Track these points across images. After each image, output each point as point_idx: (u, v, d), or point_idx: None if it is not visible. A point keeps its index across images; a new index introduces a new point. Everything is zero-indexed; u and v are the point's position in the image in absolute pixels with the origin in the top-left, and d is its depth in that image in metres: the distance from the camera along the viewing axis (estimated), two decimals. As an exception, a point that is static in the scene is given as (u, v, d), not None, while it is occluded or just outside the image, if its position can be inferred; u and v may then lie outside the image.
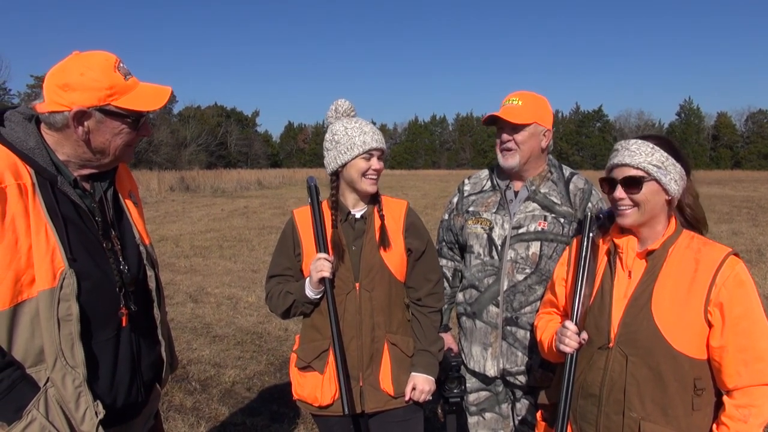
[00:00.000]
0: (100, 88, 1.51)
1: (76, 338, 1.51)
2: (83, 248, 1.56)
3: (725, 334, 1.59)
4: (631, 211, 1.70)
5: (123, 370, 1.67)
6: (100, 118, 1.55)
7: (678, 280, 1.66)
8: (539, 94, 2.34)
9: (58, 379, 1.50)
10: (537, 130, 2.25)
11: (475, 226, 2.35)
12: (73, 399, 1.52)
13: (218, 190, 27.94)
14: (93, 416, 1.53)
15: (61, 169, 1.58)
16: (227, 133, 73.13)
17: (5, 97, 45.67)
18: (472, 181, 2.51)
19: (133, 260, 1.73)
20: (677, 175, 1.69)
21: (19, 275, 1.45)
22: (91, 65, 1.52)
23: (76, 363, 1.51)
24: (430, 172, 67.73)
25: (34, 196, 1.49)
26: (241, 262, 9.59)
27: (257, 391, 4.45)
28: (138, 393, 1.74)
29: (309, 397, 2.15)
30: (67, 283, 1.49)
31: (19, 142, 1.52)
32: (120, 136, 1.59)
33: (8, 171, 1.46)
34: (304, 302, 2.10)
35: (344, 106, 2.17)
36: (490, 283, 2.30)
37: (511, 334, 2.29)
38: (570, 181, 2.33)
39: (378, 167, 2.09)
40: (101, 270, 1.60)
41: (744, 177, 44.90)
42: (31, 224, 1.47)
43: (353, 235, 2.13)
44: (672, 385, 1.64)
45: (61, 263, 1.49)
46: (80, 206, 1.59)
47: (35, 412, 1.48)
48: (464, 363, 2.44)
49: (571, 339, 1.71)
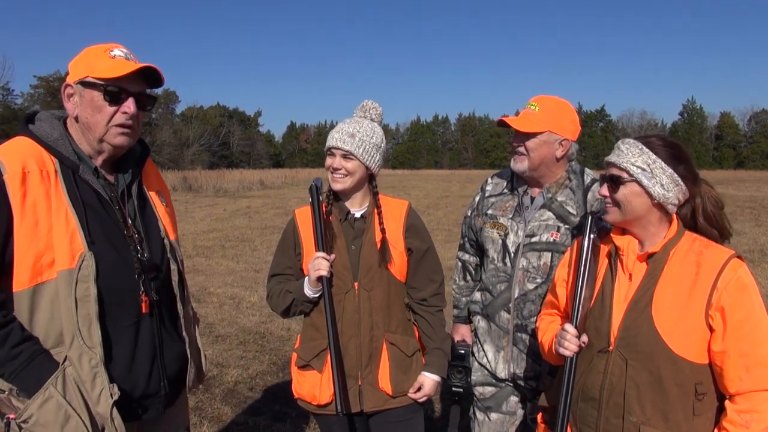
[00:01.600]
0: (85, 65, 1.64)
1: (94, 319, 1.57)
2: (102, 233, 1.63)
3: (727, 338, 1.58)
4: (613, 209, 1.71)
5: (143, 358, 1.71)
6: (80, 91, 1.64)
7: (679, 283, 1.65)
8: (563, 100, 2.27)
9: (75, 358, 1.56)
10: (551, 138, 2.19)
11: (492, 230, 2.34)
12: (89, 379, 1.57)
13: (221, 190, 27.95)
14: (108, 397, 1.58)
15: (83, 158, 1.69)
16: (230, 133, 73.15)
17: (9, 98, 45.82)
18: (495, 181, 2.50)
19: (156, 251, 1.80)
20: (666, 180, 1.65)
21: (38, 256, 1.53)
22: (87, 50, 1.67)
23: (93, 343, 1.57)
24: (432, 172, 67.65)
25: (57, 182, 1.59)
26: (244, 262, 9.61)
27: (260, 391, 4.46)
28: (160, 385, 1.77)
29: (308, 395, 2.16)
30: (86, 265, 1.56)
31: (44, 135, 1.64)
32: (100, 111, 1.63)
33: (32, 159, 1.57)
34: (303, 301, 2.11)
35: (366, 106, 2.20)
36: (502, 289, 2.31)
37: (521, 341, 2.29)
38: (589, 189, 2.27)
39: (336, 166, 2.08)
40: (120, 255, 1.66)
41: (747, 177, 44.71)
42: (52, 208, 1.56)
43: (353, 234, 2.14)
44: (672, 390, 1.63)
45: (80, 245, 1.57)
46: (101, 194, 1.68)
47: (53, 389, 1.53)
48: (476, 357, 2.45)
49: (570, 342, 1.70)
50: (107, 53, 1.64)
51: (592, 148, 79.76)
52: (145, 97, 1.70)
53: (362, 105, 2.21)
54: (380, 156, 2.15)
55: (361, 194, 2.17)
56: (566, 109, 2.26)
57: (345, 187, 2.10)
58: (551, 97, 2.26)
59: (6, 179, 1.51)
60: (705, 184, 1.76)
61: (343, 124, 2.15)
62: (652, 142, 1.69)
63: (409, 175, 55.28)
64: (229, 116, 76.16)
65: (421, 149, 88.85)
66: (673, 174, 1.66)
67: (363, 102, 2.21)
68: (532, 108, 2.22)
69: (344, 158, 2.08)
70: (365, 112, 2.19)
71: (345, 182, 2.09)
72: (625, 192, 1.67)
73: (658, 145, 1.68)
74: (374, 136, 2.12)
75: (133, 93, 1.65)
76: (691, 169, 1.69)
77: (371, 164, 2.11)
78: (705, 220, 1.73)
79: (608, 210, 1.73)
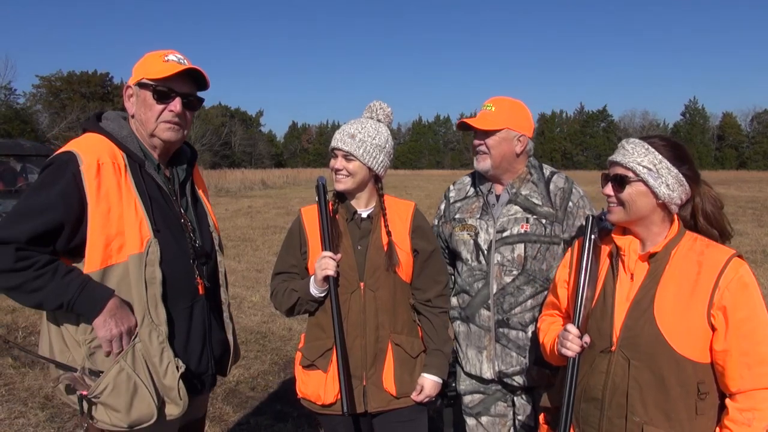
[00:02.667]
0: (142, 69, 1.83)
1: (159, 300, 1.75)
2: (164, 222, 1.81)
3: (729, 337, 1.58)
4: (617, 209, 1.72)
5: (195, 339, 1.89)
6: (137, 92, 1.84)
7: (681, 283, 1.65)
8: (516, 100, 2.38)
9: (145, 335, 1.74)
10: (509, 135, 2.29)
11: (462, 233, 2.38)
12: (158, 353, 1.75)
13: (222, 190, 27.99)
14: (174, 370, 1.76)
15: (148, 155, 1.88)
16: (231, 133, 73.21)
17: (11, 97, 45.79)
18: (457, 187, 2.56)
19: (207, 240, 2.00)
20: (671, 180, 1.66)
21: (109, 240, 1.69)
22: (147, 56, 1.86)
23: (159, 321, 1.76)
24: (433, 172, 67.69)
25: (126, 175, 1.77)
26: (245, 261, 9.61)
27: (261, 391, 4.46)
28: (208, 365, 1.95)
29: (312, 395, 2.16)
30: (153, 250, 1.74)
31: (114, 132, 1.82)
32: (150, 108, 1.82)
33: (105, 153, 1.75)
34: (308, 300, 2.11)
35: (373, 107, 2.21)
36: (479, 287, 2.33)
37: (504, 336, 2.31)
38: (550, 180, 2.36)
39: (338, 167, 2.09)
40: (178, 243, 1.84)
41: (749, 177, 44.68)
42: (123, 197, 1.73)
43: (359, 234, 2.14)
44: (675, 389, 1.63)
45: (147, 233, 1.74)
46: (162, 188, 1.87)
47: (123, 362, 1.71)
48: (460, 365, 2.46)
49: (573, 342, 1.70)
50: (162, 58, 1.82)
51: (593, 148, 79.77)
52: (193, 98, 1.88)
53: (369, 105, 2.21)
54: (384, 157, 2.14)
55: (367, 194, 2.16)
56: (520, 108, 2.37)
57: (347, 187, 2.10)
58: (505, 98, 2.38)
59: (83, 169, 1.67)
60: (704, 184, 1.76)
61: (346, 124, 2.15)
62: (656, 143, 1.69)
63: (410, 175, 55.30)
64: (230, 116, 76.25)
65: (422, 149, 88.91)
66: (678, 174, 1.67)
67: (371, 102, 2.22)
68: (489, 108, 2.32)
69: (345, 159, 2.08)
70: (372, 113, 2.19)
71: (347, 183, 2.10)
72: (630, 192, 1.67)
73: (662, 146, 1.69)
74: (377, 136, 2.11)
75: (181, 93, 1.83)
76: (694, 170, 1.70)
77: (374, 165, 2.11)
78: (705, 219, 1.73)
79: (612, 210, 1.73)
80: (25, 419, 3.85)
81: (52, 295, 1.65)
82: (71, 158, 1.68)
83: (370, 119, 2.17)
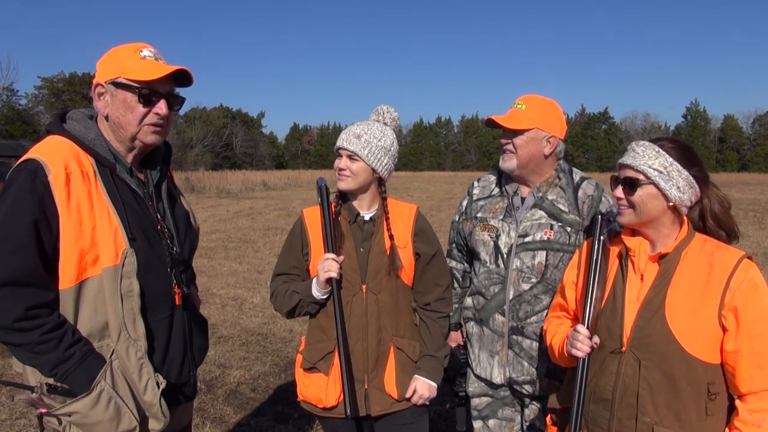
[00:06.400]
0: (115, 65, 1.66)
1: (137, 313, 1.63)
2: (140, 230, 1.69)
3: (739, 338, 1.58)
4: (628, 211, 1.71)
5: (176, 349, 1.79)
6: (112, 91, 1.67)
7: (692, 283, 1.64)
8: (549, 99, 2.29)
9: (122, 351, 1.62)
10: (538, 135, 2.21)
11: (483, 233, 2.32)
12: (136, 370, 1.63)
13: (223, 191, 28.03)
14: (154, 386, 1.66)
15: (119, 158, 1.73)
16: (232, 135, 73.38)
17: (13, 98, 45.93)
18: (482, 184, 2.48)
19: (185, 246, 1.88)
20: (682, 182, 1.65)
21: (83, 254, 1.57)
22: (116, 50, 1.70)
23: (137, 336, 1.64)
24: (435, 173, 67.74)
25: (96, 182, 1.63)
26: (246, 263, 9.60)
27: (262, 392, 4.45)
28: (190, 374, 1.85)
29: (314, 398, 2.14)
30: (129, 261, 1.62)
31: (80, 135, 1.67)
32: (132, 111, 1.67)
33: (72, 159, 1.61)
34: (310, 302, 2.10)
35: (380, 111, 2.20)
36: (496, 291, 2.28)
37: (517, 344, 2.27)
38: (579, 187, 2.28)
39: (342, 166, 2.09)
40: (155, 251, 1.73)
41: (750, 179, 44.66)
42: (95, 207, 1.60)
43: (361, 236, 2.13)
44: (685, 390, 1.62)
45: (122, 243, 1.62)
46: (137, 192, 1.74)
47: (102, 383, 1.59)
48: (470, 367, 2.43)
49: (582, 343, 1.69)
50: (137, 54, 1.67)
51: (595, 150, 79.78)
52: (173, 98, 1.75)
53: (377, 109, 2.20)
54: (389, 159, 2.13)
55: (370, 196, 2.15)
56: (552, 108, 2.28)
57: (348, 187, 2.09)
58: (537, 96, 2.29)
59: (51, 180, 1.53)
60: (712, 185, 1.76)
61: (353, 125, 2.15)
62: (666, 145, 1.69)
63: (411, 176, 55.33)
64: (232, 117, 76.39)
65: (423, 151, 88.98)
66: (688, 176, 1.66)
67: (378, 106, 2.21)
68: (519, 107, 2.24)
69: (350, 159, 2.08)
70: (379, 116, 2.19)
71: (349, 182, 2.09)
72: (641, 194, 1.66)
73: (672, 148, 1.68)
74: (383, 138, 2.10)
75: (163, 94, 1.70)
76: (703, 171, 1.70)
77: (377, 167, 2.09)
78: (713, 220, 1.73)
79: (622, 212, 1.72)
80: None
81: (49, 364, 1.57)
82: (38, 168, 1.54)
83: (376, 122, 2.16)
